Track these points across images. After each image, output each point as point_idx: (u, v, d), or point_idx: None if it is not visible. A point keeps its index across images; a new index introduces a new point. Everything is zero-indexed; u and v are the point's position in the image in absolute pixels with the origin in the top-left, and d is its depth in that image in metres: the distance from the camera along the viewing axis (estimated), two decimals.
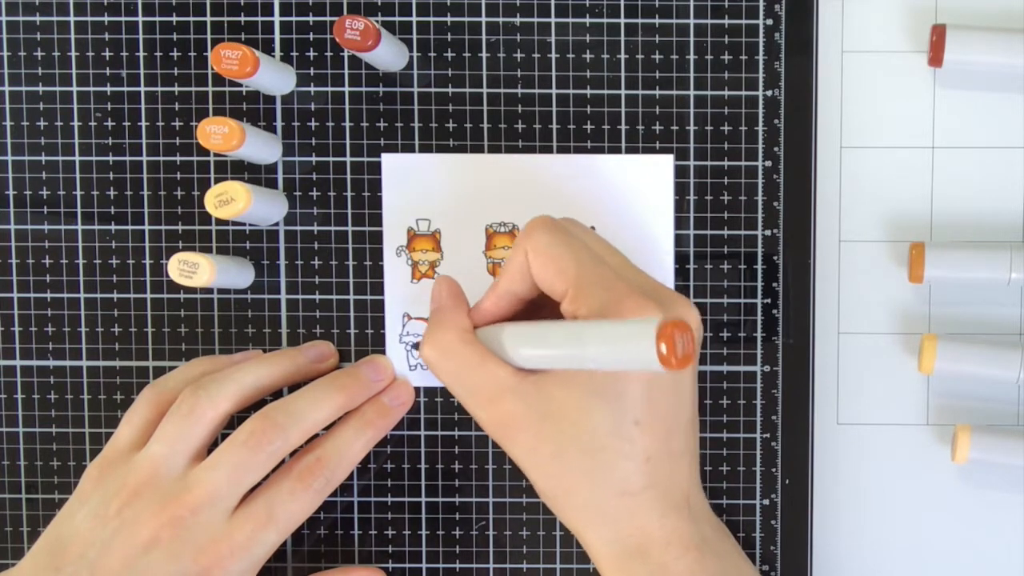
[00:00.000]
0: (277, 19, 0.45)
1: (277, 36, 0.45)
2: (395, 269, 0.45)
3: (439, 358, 0.39)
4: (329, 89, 0.45)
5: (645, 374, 0.36)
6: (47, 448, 0.46)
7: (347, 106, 0.45)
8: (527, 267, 0.38)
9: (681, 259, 0.45)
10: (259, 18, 0.45)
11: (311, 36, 0.45)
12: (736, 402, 0.45)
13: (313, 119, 0.45)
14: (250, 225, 0.45)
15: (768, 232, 0.45)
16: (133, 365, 0.45)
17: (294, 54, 0.45)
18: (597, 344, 0.34)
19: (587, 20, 0.44)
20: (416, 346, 0.45)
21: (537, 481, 0.39)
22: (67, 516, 0.40)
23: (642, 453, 0.37)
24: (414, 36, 0.45)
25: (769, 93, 0.44)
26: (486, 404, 0.39)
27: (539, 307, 0.40)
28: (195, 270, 0.41)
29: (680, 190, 0.45)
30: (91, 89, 0.45)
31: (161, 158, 0.45)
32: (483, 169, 0.45)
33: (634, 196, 0.45)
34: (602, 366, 0.35)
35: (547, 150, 0.45)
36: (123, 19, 0.45)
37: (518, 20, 0.45)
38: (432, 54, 0.45)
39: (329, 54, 0.45)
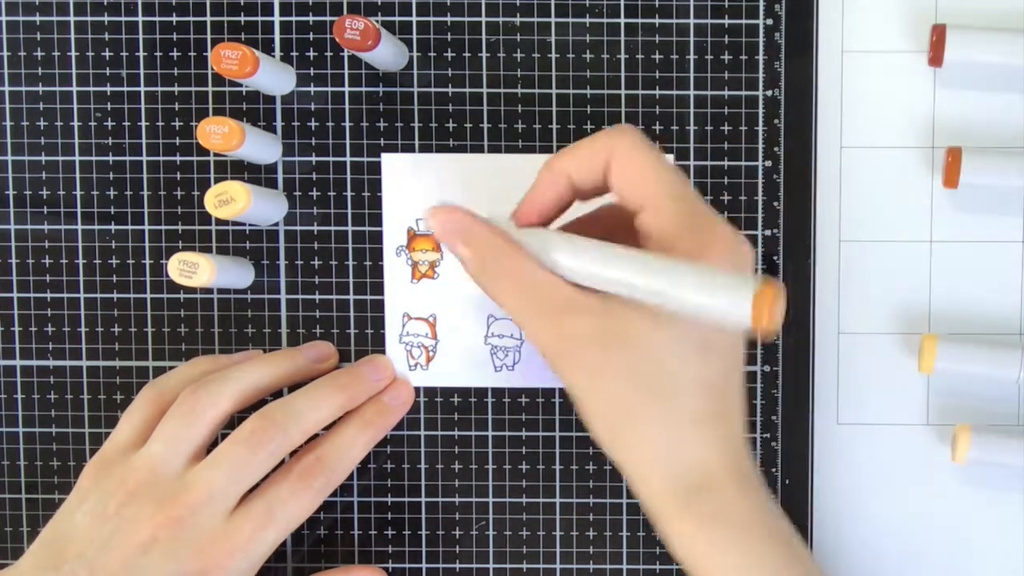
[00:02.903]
0: (277, 19, 0.45)
1: (277, 36, 0.45)
2: (395, 269, 0.45)
3: (486, 258, 0.36)
4: (329, 89, 0.45)
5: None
6: (47, 448, 0.46)
7: (347, 106, 0.45)
8: (601, 159, 0.36)
9: None
10: (259, 18, 0.45)
11: (311, 36, 0.45)
12: None
13: (313, 119, 0.45)
14: (250, 225, 0.45)
15: (768, 232, 0.45)
16: (133, 365, 0.45)
17: (294, 54, 0.45)
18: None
19: (587, 20, 0.44)
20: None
21: (598, 408, 0.36)
22: (66, 514, 0.40)
23: (707, 382, 0.35)
24: (414, 36, 0.45)
25: (769, 93, 0.44)
26: (551, 318, 0.35)
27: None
28: (195, 270, 0.41)
29: None
30: (91, 89, 0.45)
31: (161, 158, 0.45)
32: (483, 169, 0.45)
33: None
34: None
35: (547, 150, 0.45)
36: (123, 19, 0.45)
37: (518, 20, 0.45)
38: (432, 54, 0.45)
39: (329, 54, 0.45)
